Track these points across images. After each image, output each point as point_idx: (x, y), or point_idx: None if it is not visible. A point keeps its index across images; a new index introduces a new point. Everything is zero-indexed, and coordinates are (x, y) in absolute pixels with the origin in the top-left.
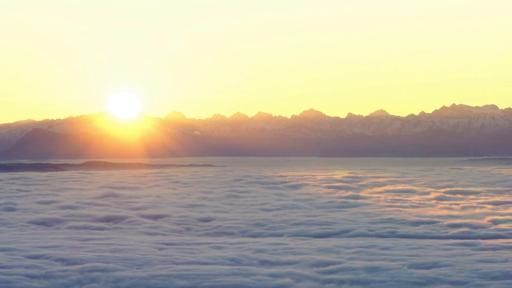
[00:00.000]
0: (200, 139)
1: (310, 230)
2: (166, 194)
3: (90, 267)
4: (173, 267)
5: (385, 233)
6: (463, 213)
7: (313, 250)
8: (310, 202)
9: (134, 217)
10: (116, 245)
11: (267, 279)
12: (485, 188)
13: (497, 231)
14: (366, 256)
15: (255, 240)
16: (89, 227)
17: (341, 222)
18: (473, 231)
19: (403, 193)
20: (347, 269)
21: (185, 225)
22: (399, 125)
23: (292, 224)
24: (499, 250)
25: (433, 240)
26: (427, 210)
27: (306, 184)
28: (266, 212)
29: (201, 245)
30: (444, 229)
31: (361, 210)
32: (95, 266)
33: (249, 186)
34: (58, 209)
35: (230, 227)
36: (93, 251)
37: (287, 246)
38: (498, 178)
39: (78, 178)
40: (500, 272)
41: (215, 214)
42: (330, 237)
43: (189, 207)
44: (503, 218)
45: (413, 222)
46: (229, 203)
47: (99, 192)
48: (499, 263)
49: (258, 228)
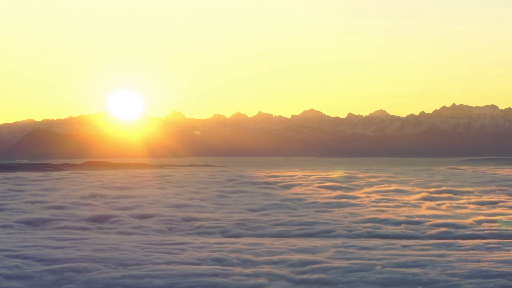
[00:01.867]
0: (201, 139)
1: (292, 230)
2: (155, 194)
3: (68, 267)
4: (150, 267)
5: (367, 233)
6: (447, 213)
7: (292, 250)
8: (298, 202)
9: (119, 217)
10: (97, 245)
11: (243, 279)
12: (475, 188)
13: (476, 231)
14: (342, 256)
15: (234, 240)
16: (74, 227)
17: (324, 222)
18: (453, 231)
19: (393, 193)
20: (321, 269)
21: (167, 224)
22: (399, 125)
23: (275, 224)
24: (473, 250)
25: (412, 240)
26: (413, 210)
27: (299, 184)
28: (250, 212)
29: (180, 245)
30: (424, 229)
31: (347, 210)
32: (74, 266)
33: (240, 186)
34: (45, 209)
35: (211, 227)
36: (73, 251)
37: (266, 246)
38: (491, 178)
39: (72, 178)
40: (468, 273)
41: (199, 214)
42: (311, 237)
43: (175, 207)
44: (498, 218)
45: (396, 222)
46: (216, 203)
47: (88, 192)
48: (471, 263)
49: (239, 228)
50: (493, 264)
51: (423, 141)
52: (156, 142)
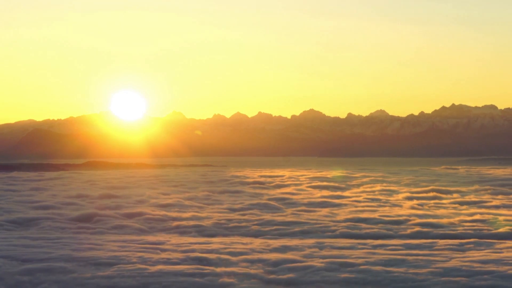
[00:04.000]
0: (201, 139)
1: (271, 230)
2: (143, 194)
3: (42, 267)
4: (125, 266)
5: (343, 233)
6: (428, 212)
7: (267, 249)
8: (284, 202)
9: (102, 217)
10: (75, 245)
11: (214, 279)
12: (462, 188)
13: (454, 231)
14: (315, 256)
15: (211, 239)
16: (56, 227)
17: (304, 222)
18: (430, 230)
19: (380, 192)
20: (292, 269)
21: (149, 224)
22: (399, 125)
23: (254, 224)
24: (447, 250)
25: (387, 240)
26: (395, 210)
27: (290, 184)
28: (232, 212)
29: (157, 244)
30: (402, 229)
31: (330, 210)
32: (48, 266)
33: (231, 186)
34: (31, 209)
35: (190, 226)
36: (51, 251)
37: (241, 246)
38: (482, 178)
39: (65, 178)
40: (433, 272)
41: (181, 214)
42: (288, 237)
43: (160, 206)
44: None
45: (375, 222)
46: (201, 203)
47: (76, 192)
48: (440, 263)
49: (217, 227)
50: (462, 263)
51: (423, 141)
52: (157, 142)
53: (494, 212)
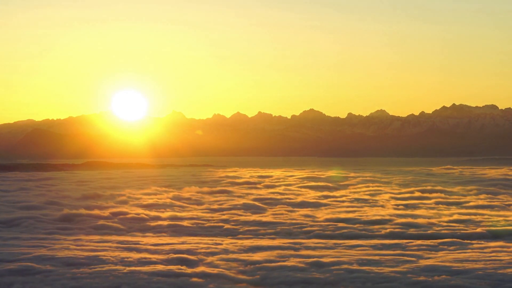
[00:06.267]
0: (202, 139)
1: (249, 230)
2: (131, 193)
3: (13, 269)
4: (98, 267)
5: (322, 234)
6: (411, 212)
7: (240, 250)
8: (270, 202)
9: (85, 217)
10: (52, 245)
11: (186, 279)
12: (452, 189)
13: (434, 231)
14: (289, 256)
15: (186, 239)
16: (38, 227)
17: (284, 223)
18: (408, 231)
19: (368, 192)
20: (262, 269)
21: (130, 223)
22: (399, 125)
23: (234, 224)
24: (421, 250)
25: (363, 240)
26: (378, 210)
27: (281, 184)
28: (214, 212)
29: (132, 244)
30: (380, 229)
31: (315, 210)
32: (20, 267)
33: (222, 186)
34: (16, 209)
35: (168, 226)
36: (28, 252)
37: (216, 246)
38: (476, 178)
39: (56, 178)
40: (399, 273)
41: (162, 214)
42: (265, 237)
43: (144, 207)
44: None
45: (355, 222)
46: (185, 203)
47: (65, 193)
48: (408, 263)
49: (195, 228)
50: (433, 263)
51: (423, 141)
52: (157, 142)
53: (474, 212)
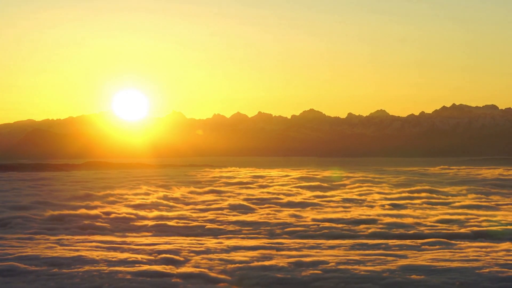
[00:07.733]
0: (202, 139)
1: (234, 230)
2: (122, 193)
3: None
4: (79, 267)
5: (307, 234)
6: (397, 212)
7: (221, 250)
8: (259, 202)
9: (73, 217)
10: (37, 245)
11: (167, 280)
12: (444, 189)
13: (418, 231)
14: (271, 256)
15: (171, 239)
16: (26, 227)
17: (270, 223)
18: (391, 231)
19: (363, 192)
20: (244, 269)
21: (118, 223)
22: (399, 125)
23: (220, 224)
24: (404, 250)
25: (346, 240)
26: (367, 210)
27: (275, 184)
28: (202, 212)
29: (117, 244)
30: (365, 230)
31: (302, 210)
32: (2, 267)
33: (216, 186)
34: (6, 209)
35: (154, 226)
36: (12, 252)
37: (200, 246)
38: (470, 178)
39: (50, 178)
40: (383, 272)
41: (148, 213)
42: (249, 237)
43: (133, 207)
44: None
45: (343, 222)
46: (176, 203)
47: (57, 193)
48: (392, 263)
49: (181, 228)
50: (414, 263)
51: (423, 141)
52: (158, 142)
53: (461, 212)
